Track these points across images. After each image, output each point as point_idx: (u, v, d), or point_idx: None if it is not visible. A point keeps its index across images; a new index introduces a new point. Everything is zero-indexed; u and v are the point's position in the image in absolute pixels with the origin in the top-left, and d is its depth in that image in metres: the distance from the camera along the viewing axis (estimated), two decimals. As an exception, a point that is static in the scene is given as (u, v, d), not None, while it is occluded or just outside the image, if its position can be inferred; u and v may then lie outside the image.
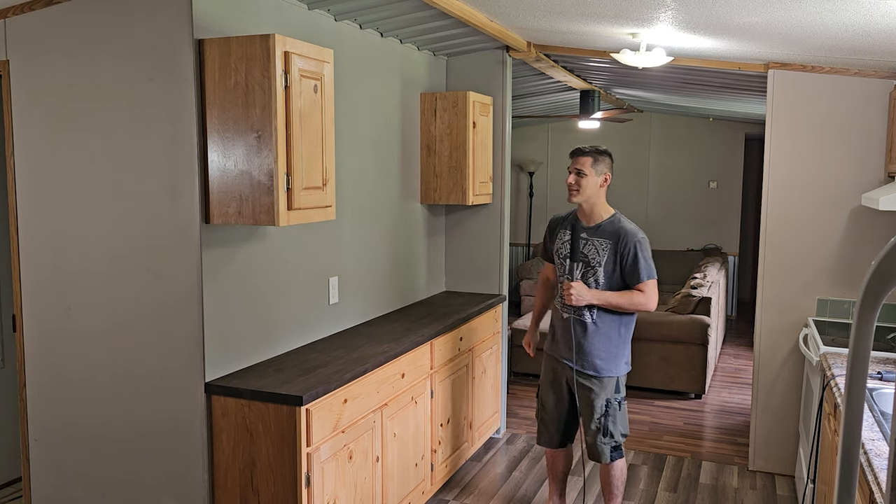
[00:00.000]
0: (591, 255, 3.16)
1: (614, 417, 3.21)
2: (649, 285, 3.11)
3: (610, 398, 3.21)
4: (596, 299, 3.12)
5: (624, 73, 4.98)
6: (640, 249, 3.10)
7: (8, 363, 3.88)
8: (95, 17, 2.70)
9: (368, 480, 3.02)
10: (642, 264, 3.09)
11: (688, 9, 2.91)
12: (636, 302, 3.11)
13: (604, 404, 3.20)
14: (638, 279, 3.10)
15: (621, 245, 3.11)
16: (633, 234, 3.12)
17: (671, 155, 8.44)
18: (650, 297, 3.10)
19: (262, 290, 2.98)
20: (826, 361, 3.08)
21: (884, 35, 2.94)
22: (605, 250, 3.14)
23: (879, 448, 2.11)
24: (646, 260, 3.11)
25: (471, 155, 4.17)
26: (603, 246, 3.15)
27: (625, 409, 3.27)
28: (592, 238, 3.17)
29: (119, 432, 2.84)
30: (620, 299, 3.11)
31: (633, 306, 3.12)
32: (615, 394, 3.22)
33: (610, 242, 3.14)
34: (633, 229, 3.15)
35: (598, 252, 3.15)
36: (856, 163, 3.89)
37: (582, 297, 3.11)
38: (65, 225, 2.85)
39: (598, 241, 3.16)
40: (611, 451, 3.24)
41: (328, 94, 2.75)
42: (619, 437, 3.24)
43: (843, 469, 1.05)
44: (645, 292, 3.10)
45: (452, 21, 3.58)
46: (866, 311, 0.99)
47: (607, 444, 3.22)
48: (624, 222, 3.18)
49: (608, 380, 3.21)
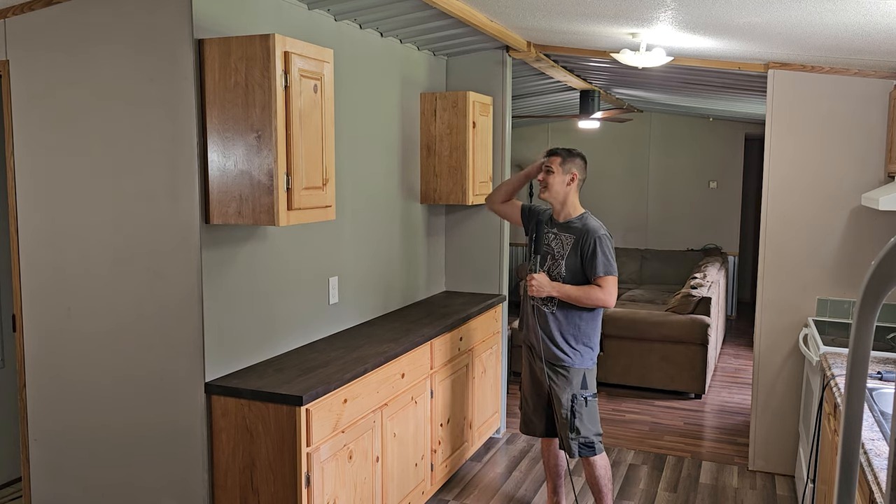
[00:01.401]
0: (556, 248, 3.31)
1: (580, 414, 3.26)
2: (608, 281, 3.20)
3: (576, 393, 3.26)
4: (556, 291, 3.23)
5: (624, 72, 4.98)
6: (600, 245, 3.20)
7: (8, 364, 3.88)
8: (95, 17, 2.70)
9: (368, 480, 3.02)
10: (600, 259, 3.19)
11: (688, 9, 2.91)
12: (593, 297, 3.20)
13: (569, 398, 3.26)
14: (595, 273, 3.20)
15: (582, 240, 3.23)
16: (594, 230, 3.24)
17: (671, 155, 8.44)
18: (608, 293, 3.19)
19: (263, 290, 2.98)
20: (826, 361, 3.08)
21: (884, 35, 2.94)
22: (568, 245, 3.27)
23: (879, 448, 2.11)
24: (605, 255, 3.20)
25: (471, 155, 4.17)
26: (567, 241, 3.28)
27: (593, 407, 3.30)
28: (560, 233, 3.31)
29: (119, 432, 2.84)
30: (578, 293, 3.21)
31: (590, 300, 3.21)
32: (581, 389, 3.27)
33: (573, 238, 3.26)
34: (595, 226, 3.26)
35: (563, 246, 3.28)
36: (856, 163, 3.89)
37: (542, 287, 3.22)
38: (65, 225, 2.85)
39: (565, 236, 3.29)
40: (579, 448, 3.27)
41: (328, 94, 2.75)
42: (589, 434, 3.27)
43: (843, 469, 1.05)
44: (603, 287, 3.19)
45: (452, 21, 3.58)
46: (866, 311, 0.99)
47: (574, 439, 3.27)
48: (590, 220, 3.31)
49: (574, 372, 3.28)
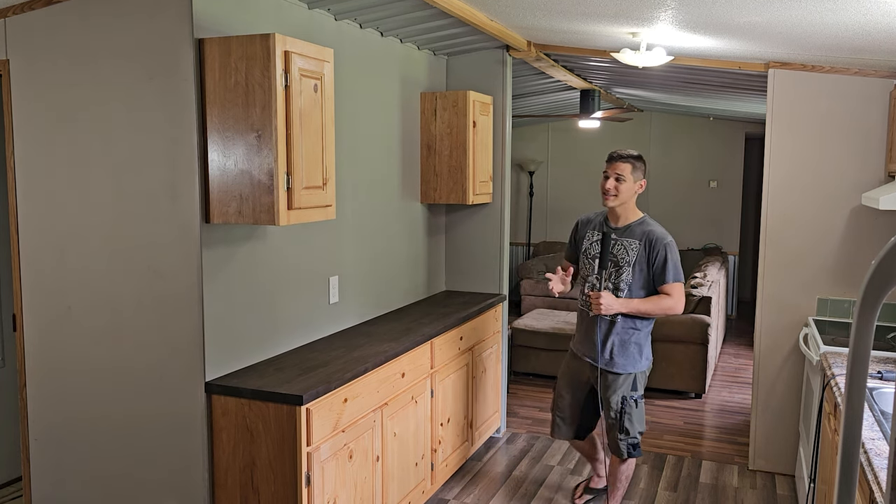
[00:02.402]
0: (620, 254, 3.25)
1: (630, 415, 3.29)
2: (676, 288, 3.18)
3: (626, 395, 3.29)
4: (624, 308, 3.19)
5: (624, 72, 4.97)
6: (670, 252, 3.19)
7: (8, 362, 3.88)
8: (96, 16, 2.70)
9: (368, 480, 3.02)
10: (670, 267, 3.18)
11: (688, 8, 2.91)
12: (664, 306, 3.18)
13: (619, 401, 3.29)
14: (664, 281, 3.18)
15: (652, 248, 3.19)
16: (662, 237, 3.22)
17: (671, 154, 8.43)
18: (677, 300, 3.18)
19: (263, 289, 2.98)
20: (826, 361, 3.08)
21: (884, 34, 2.94)
22: (635, 250, 3.23)
23: (879, 448, 2.11)
24: (674, 263, 3.19)
25: (471, 154, 4.17)
26: (632, 246, 3.23)
27: (642, 407, 3.34)
28: (621, 238, 3.27)
29: (119, 431, 2.84)
30: (648, 305, 3.19)
31: (661, 311, 3.20)
32: (632, 391, 3.30)
33: (639, 244, 3.23)
34: (662, 232, 3.25)
35: (628, 252, 3.23)
36: (856, 162, 3.89)
37: (611, 307, 3.18)
38: (65, 224, 2.85)
39: (628, 242, 3.25)
40: (628, 448, 3.32)
41: (328, 93, 2.75)
42: (635, 433, 3.32)
43: (843, 469, 1.05)
44: (672, 295, 3.18)
45: (452, 20, 3.58)
46: (866, 310, 0.99)
47: (624, 440, 3.32)
48: (653, 225, 3.28)
49: (625, 377, 3.29)
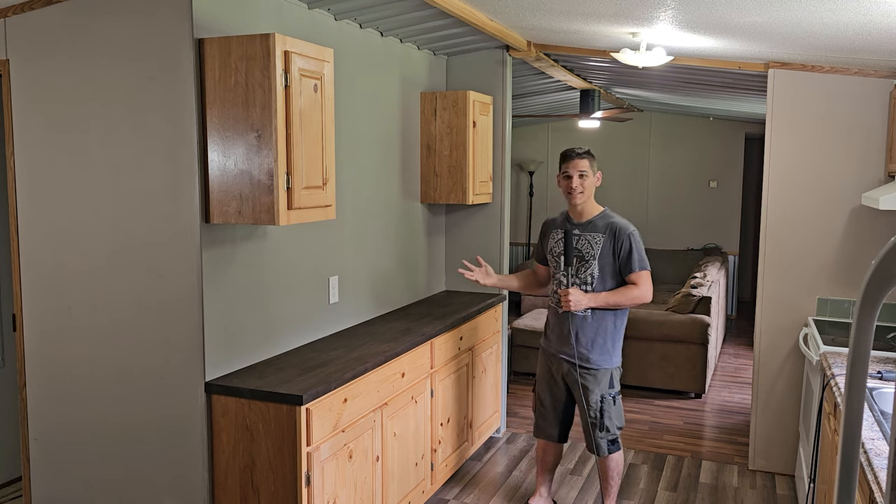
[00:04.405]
0: (584, 249, 3.27)
1: (609, 412, 3.32)
2: (643, 276, 3.22)
3: (604, 393, 3.31)
4: (594, 302, 3.22)
5: (624, 72, 4.97)
6: (634, 242, 3.24)
7: (8, 362, 3.88)
8: (96, 16, 2.70)
9: (368, 480, 3.02)
10: (636, 256, 3.22)
11: (688, 8, 2.91)
12: (632, 296, 3.21)
13: (598, 399, 3.30)
14: (630, 270, 3.22)
15: (616, 239, 3.23)
16: (625, 227, 3.26)
17: (671, 154, 8.43)
18: (644, 288, 3.21)
19: (263, 289, 2.98)
20: (826, 361, 3.08)
21: (884, 34, 2.94)
22: (599, 243, 3.25)
23: (879, 448, 2.11)
24: (639, 252, 3.23)
25: (471, 154, 4.17)
26: (596, 239, 3.26)
27: (619, 404, 3.36)
28: (584, 234, 3.29)
29: (119, 431, 2.84)
30: (617, 297, 3.21)
31: (630, 301, 3.22)
32: (609, 388, 3.32)
33: (603, 236, 3.26)
34: (625, 223, 3.28)
35: (592, 246, 3.26)
36: (856, 162, 3.89)
37: (580, 302, 3.21)
38: (65, 224, 2.85)
39: (591, 236, 3.28)
40: (608, 445, 3.35)
41: (328, 93, 2.75)
42: (614, 430, 3.35)
43: (843, 469, 1.05)
44: (639, 284, 3.21)
45: (452, 20, 3.58)
46: (866, 310, 0.99)
47: (603, 437, 3.34)
48: (615, 217, 3.32)
49: (602, 373, 3.30)
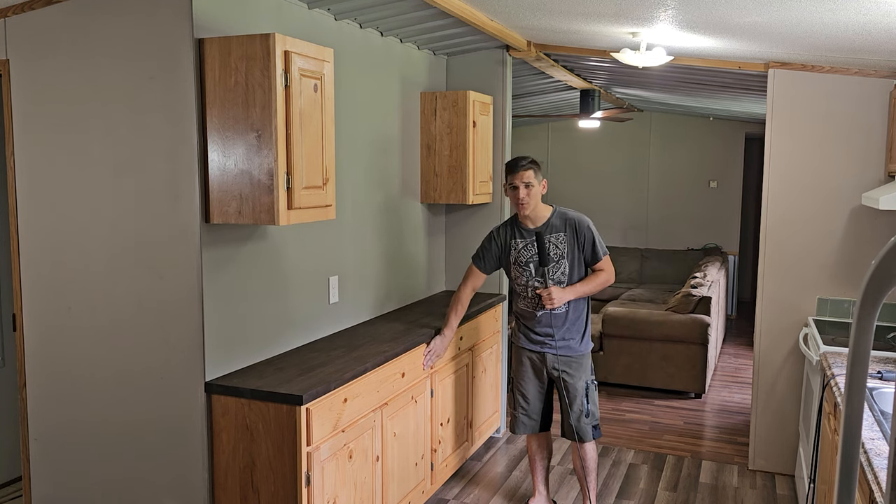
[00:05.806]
0: (552, 252, 3.36)
1: (592, 397, 3.45)
2: (605, 262, 3.42)
3: (588, 381, 3.44)
4: (573, 295, 3.36)
5: (624, 72, 4.97)
6: (593, 232, 3.40)
7: (8, 362, 3.88)
8: (96, 16, 2.70)
9: (368, 480, 3.02)
10: (598, 246, 3.38)
11: (688, 8, 2.91)
12: (602, 281, 3.41)
13: (584, 386, 3.42)
14: (596, 259, 3.38)
15: (578, 233, 3.35)
16: (582, 220, 3.39)
17: (671, 154, 8.43)
18: (609, 271, 3.43)
19: (263, 289, 2.98)
20: (826, 361, 3.08)
21: (884, 34, 2.94)
22: (563, 242, 3.36)
23: (879, 448, 2.11)
24: (599, 241, 3.41)
25: (471, 154, 4.17)
26: (560, 239, 3.36)
27: (596, 390, 3.52)
28: (549, 235, 3.38)
29: (119, 431, 2.84)
30: (590, 286, 3.38)
31: (599, 286, 3.42)
32: (590, 375, 3.46)
33: (565, 235, 3.36)
34: (580, 217, 3.41)
35: (558, 246, 3.36)
36: (856, 162, 3.89)
37: (563, 298, 3.33)
38: (65, 224, 2.85)
39: (555, 237, 3.37)
40: (593, 431, 3.47)
41: (328, 93, 2.75)
42: (597, 414, 3.49)
43: (843, 469, 1.05)
44: (605, 269, 3.40)
45: (452, 20, 3.58)
46: (866, 310, 0.99)
47: (588, 423, 3.44)
48: (569, 212, 3.42)
49: (584, 359, 3.43)
